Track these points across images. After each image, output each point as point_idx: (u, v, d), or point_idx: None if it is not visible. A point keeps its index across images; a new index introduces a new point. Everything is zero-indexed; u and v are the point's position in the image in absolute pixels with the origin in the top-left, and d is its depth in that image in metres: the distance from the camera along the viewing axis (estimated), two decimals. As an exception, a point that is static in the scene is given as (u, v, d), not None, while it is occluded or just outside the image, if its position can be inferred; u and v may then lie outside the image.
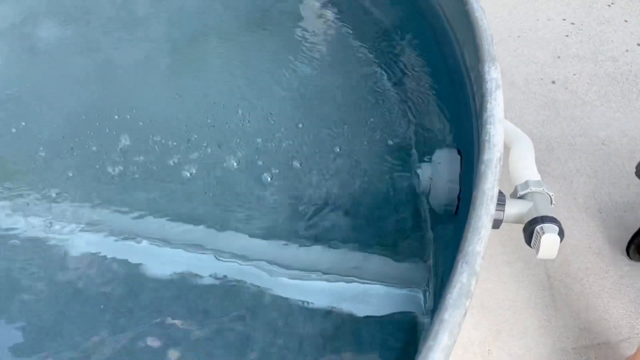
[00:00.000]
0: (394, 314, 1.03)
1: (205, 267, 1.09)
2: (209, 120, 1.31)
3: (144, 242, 1.13)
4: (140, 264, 1.10)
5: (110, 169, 1.23)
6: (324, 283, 1.07)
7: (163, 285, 1.07)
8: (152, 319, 1.02)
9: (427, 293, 1.04)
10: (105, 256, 1.11)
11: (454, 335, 0.63)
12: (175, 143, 1.26)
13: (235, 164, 1.23)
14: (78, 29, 1.53)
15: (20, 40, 1.52)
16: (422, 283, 1.06)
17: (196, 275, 1.08)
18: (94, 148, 1.27)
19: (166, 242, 1.13)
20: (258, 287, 1.07)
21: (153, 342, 1.00)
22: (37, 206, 1.19)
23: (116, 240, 1.14)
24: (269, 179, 1.21)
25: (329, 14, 1.54)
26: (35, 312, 1.04)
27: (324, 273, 1.08)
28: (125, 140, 1.28)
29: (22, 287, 1.08)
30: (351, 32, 1.49)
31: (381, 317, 1.03)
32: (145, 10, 1.58)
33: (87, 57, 1.47)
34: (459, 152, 1.07)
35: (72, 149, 1.27)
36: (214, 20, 1.55)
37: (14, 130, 1.31)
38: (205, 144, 1.27)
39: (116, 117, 1.32)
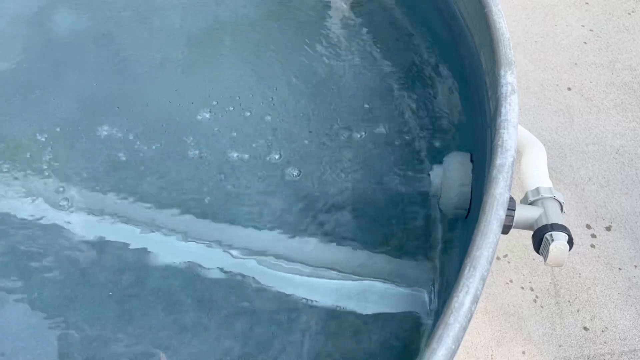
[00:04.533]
0: (397, 313, 1.03)
1: (213, 259, 1.10)
2: (221, 111, 1.31)
3: (154, 231, 1.14)
4: (149, 252, 1.11)
5: (122, 158, 1.24)
6: (329, 280, 1.07)
7: (171, 274, 1.08)
8: (159, 306, 1.03)
9: (432, 293, 1.04)
10: (114, 243, 1.12)
11: (459, 339, 0.63)
12: (187, 134, 1.27)
13: (246, 157, 1.23)
14: (94, 18, 1.54)
15: (39, 28, 1.53)
16: (427, 283, 1.06)
17: (204, 267, 1.09)
18: (106, 135, 1.28)
19: (176, 232, 1.14)
20: (263, 281, 1.07)
21: (159, 329, 1.01)
22: (48, 191, 1.20)
23: (125, 228, 1.15)
24: (279, 174, 1.21)
25: (347, 11, 1.54)
26: (42, 296, 1.05)
27: (330, 270, 1.08)
28: (138, 129, 1.28)
29: (29, 270, 1.09)
30: (368, 29, 1.49)
31: (385, 315, 1.03)
32: (161, 0, 1.59)
33: (102, 46, 1.47)
34: (471, 156, 1.06)
35: (85, 135, 1.28)
36: (231, 10, 1.55)
37: (31, 115, 1.33)
38: (217, 135, 1.27)
39: (129, 105, 1.33)
